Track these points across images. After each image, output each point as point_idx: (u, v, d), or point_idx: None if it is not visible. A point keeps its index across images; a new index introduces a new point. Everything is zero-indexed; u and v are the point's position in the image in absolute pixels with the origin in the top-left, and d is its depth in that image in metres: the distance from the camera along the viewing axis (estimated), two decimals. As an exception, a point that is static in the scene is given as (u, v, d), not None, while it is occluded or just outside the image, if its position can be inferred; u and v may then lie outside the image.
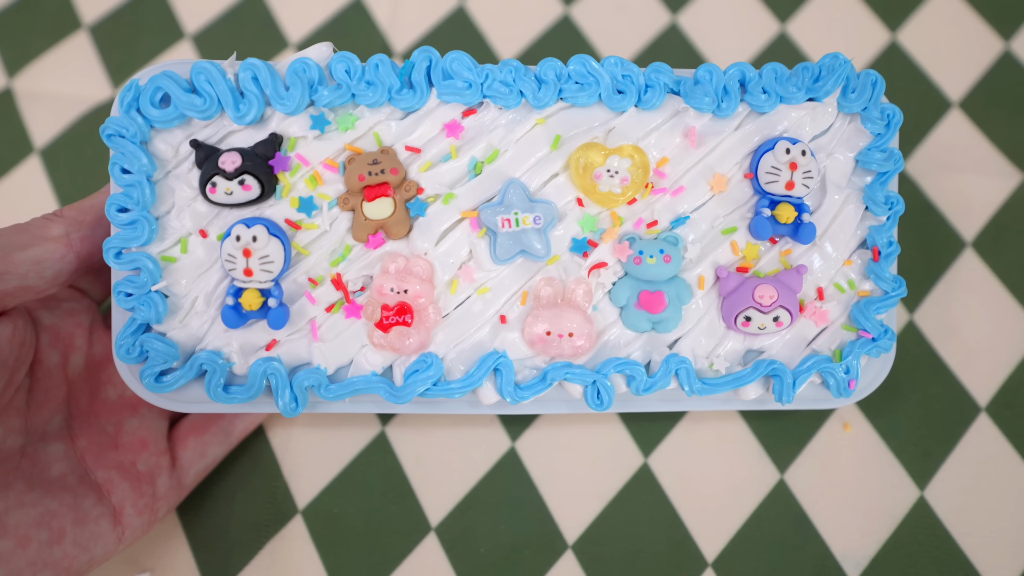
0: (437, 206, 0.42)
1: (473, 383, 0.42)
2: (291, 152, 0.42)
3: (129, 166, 0.40)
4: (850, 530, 0.50)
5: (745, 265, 0.44)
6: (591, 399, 0.43)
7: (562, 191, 0.43)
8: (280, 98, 0.41)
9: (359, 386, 0.42)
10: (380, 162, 0.41)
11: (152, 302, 0.41)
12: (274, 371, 0.41)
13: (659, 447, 0.52)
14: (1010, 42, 0.61)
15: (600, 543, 0.50)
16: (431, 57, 0.42)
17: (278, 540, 0.50)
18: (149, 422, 0.47)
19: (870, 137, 0.44)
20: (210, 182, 0.40)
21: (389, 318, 0.41)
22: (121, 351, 0.41)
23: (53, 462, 0.42)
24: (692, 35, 0.60)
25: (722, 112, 0.43)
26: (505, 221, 0.41)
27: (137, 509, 0.44)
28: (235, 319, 0.41)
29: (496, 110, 0.43)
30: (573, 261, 0.43)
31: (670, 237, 0.43)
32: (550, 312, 0.42)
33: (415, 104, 0.42)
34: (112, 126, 0.40)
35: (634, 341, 0.44)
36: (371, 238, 0.42)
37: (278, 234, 0.41)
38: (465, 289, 0.43)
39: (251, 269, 0.40)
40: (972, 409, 0.52)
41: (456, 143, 0.43)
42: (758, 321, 0.42)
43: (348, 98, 0.42)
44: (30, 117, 0.59)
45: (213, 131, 0.42)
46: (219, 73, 0.41)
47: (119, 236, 0.40)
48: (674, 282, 0.43)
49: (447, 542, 0.50)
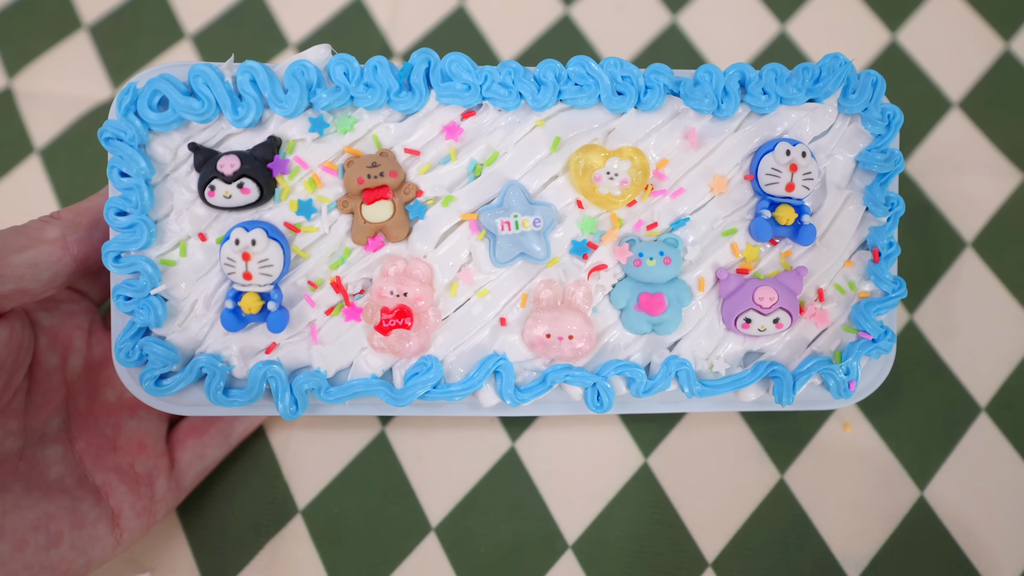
0: (436, 209, 0.42)
1: (473, 386, 0.42)
2: (290, 155, 0.42)
3: (127, 169, 0.40)
4: (850, 530, 0.50)
5: (745, 267, 0.44)
6: (591, 401, 0.43)
7: (562, 193, 0.43)
8: (278, 101, 0.41)
9: (359, 389, 0.42)
10: (379, 165, 0.41)
11: (151, 306, 0.40)
12: (274, 374, 0.41)
13: (659, 447, 0.52)
14: (1010, 42, 0.60)
15: (600, 543, 0.50)
16: (430, 59, 0.42)
17: (278, 540, 0.50)
18: (148, 424, 0.47)
19: (870, 138, 0.44)
20: (209, 185, 0.40)
21: (389, 321, 0.41)
22: (121, 355, 0.41)
23: (51, 464, 0.42)
24: (692, 35, 0.60)
25: (722, 113, 0.43)
26: (505, 224, 0.41)
27: (135, 512, 0.44)
28: (234, 323, 0.41)
29: (495, 112, 0.43)
30: (573, 263, 0.43)
31: (670, 239, 0.43)
32: (550, 314, 0.42)
33: (414, 106, 0.42)
34: (110, 129, 0.40)
35: (634, 343, 0.44)
36: (370, 241, 0.42)
37: (277, 237, 0.41)
38: (465, 292, 0.43)
39: (250, 273, 0.40)
40: (972, 409, 0.52)
41: (455, 145, 0.43)
42: (758, 323, 0.42)
43: (347, 100, 0.42)
44: (30, 117, 0.59)
45: (211, 134, 0.42)
46: (217, 76, 0.40)
47: (118, 240, 0.40)
48: (674, 284, 0.43)
49: (447, 542, 0.50)
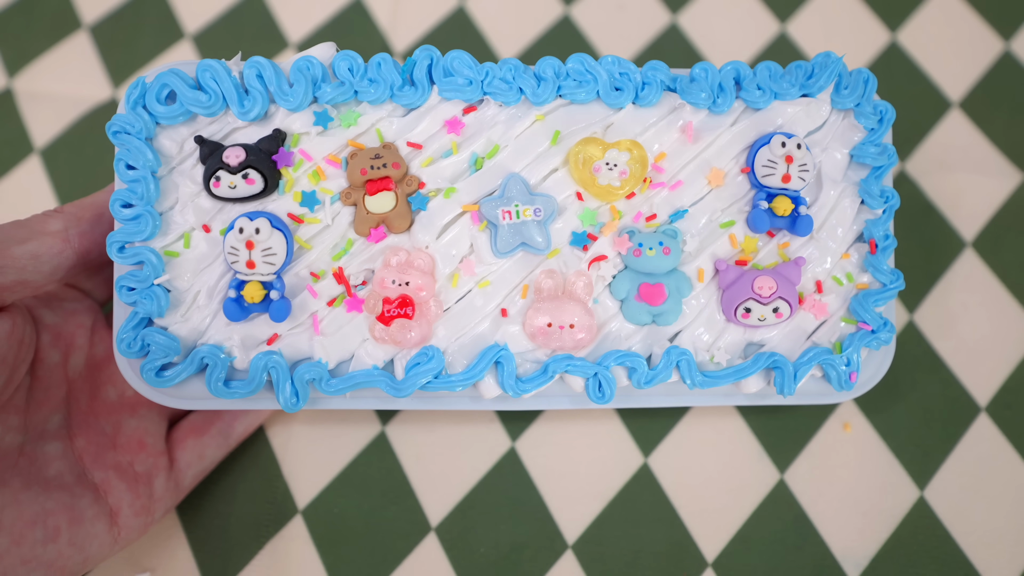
0: (438, 200, 0.43)
1: (474, 376, 0.42)
2: (294, 148, 0.42)
3: (134, 162, 0.41)
4: (850, 530, 0.50)
5: (744, 258, 0.44)
6: (592, 392, 0.43)
7: (562, 185, 0.44)
8: (284, 95, 0.42)
9: (360, 380, 0.42)
10: (382, 157, 0.42)
11: (154, 296, 0.41)
12: (275, 364, 0.41)
13: (659, 447, 0.52)
14: (1010, 42, 0.61)
15: (600, 543, 0.50)
16: (432, 55, 0.43)
17: (278, 540, 0.49)
18: (148, 423, 0.47)
19: (864, 132, 0.45)
20: (214, 176, 0.41)
21: (390, 311, 0.41)
22: (122, 345, 0.41)
23: (51, 461, 0.42)
24: (692, 35, 0.61)
25: (718, 108, 0.44)
26: (506, 213, 0.42)
27: (134, 510, 0.43)
28: (237, 312, 0.41)
29: (496, 107, 0.44)
30: (573, 254, 0.44)
31: (669, 230, 0.44)
32: (551, 304, 0.42)
33: (417, 101, 0.43)
34: (118, 123, 0.41)
35: (635, 334, 0.44)
36: (373, 232, 0.42)
37: (281, 227, 0.41)
38: (466, 282, 0.43)
39: (254, 261, 0.41)
40: (972, 409, 0.52)
41: (457, 139, 0.43)
42: (758, 312, 0.43)
43: (351, 95, 0.42)
44: (30, 117, 0.59)
45: (217, 128, 0.42)
46: (224, 71, 0.41)
47: (122, 231, 0.41)
48: (674, 274, 0.43)
49: (447, 542, 0.50)
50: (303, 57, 0.42)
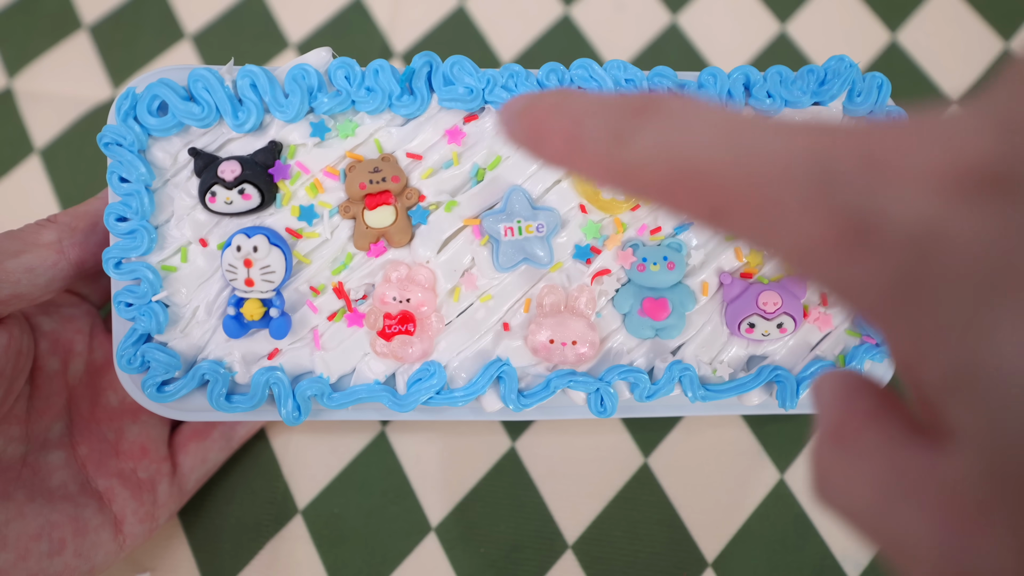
0: (439, 214, 0.42)
1: (476, 391, 0.42)
2: (291, 160, 0.41)
3: (127, 175, 0.40)
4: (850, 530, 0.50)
5: (749, 271, 0.44)
6: (594, 406, 0.43)
7: (565, 197, 0.43)
8: (279, 105, 0.40)
9: (362, 395, 0.42)
10: (381, 170, 0.41)
11: (153, 312, 0.40)
12: (277, 380, 0.41)
13: (659, 447, 0.52)
14: (1010, 42, 0.60)
15: (600, 543, 0.50)
16: (432, 62, 0.41)
17: (278, 540, 0.50)
18: (150, 428, 0.46)
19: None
20: (209, 191, 0.40)
21: (392, 327, 0.41)
22: (123, 362, 0.41)
23: (54, 471, 0.42)
24: (692, 35, 0.60)
25: (726, 117, 0.43)
26: (508, 230, 0.41)
27: (138, 517, 0.43)
28: (236, 329, 0.41)
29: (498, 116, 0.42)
30: (576, 268, 0.43)
31: (673, 243, 0.43)
32: (553, 320, 0.42)
33: (416, 110, 0.42)
34: (109, 135, 0.40)
35: (637, 348, 0.44)
36: (372, 246, 0.42)
37: (279, 243, 0.40)
38: (468, 297, 0.43)
39: (252, 279, 0.40)
40: (971, 408, 0.52)
41: (458, 149, 0.42)
42: (762, 327, 0.42)
43: (348, 105, 0.41)
44: (30, 117, 0.58)
45: (212, 139, 0.41)
46: (217, 80, 0.40)
47: (118, 246, 0.40)
48: (678, 288, 0.43)
49: (447, 542, 0.50)
50: (298, 65, 0.40)
